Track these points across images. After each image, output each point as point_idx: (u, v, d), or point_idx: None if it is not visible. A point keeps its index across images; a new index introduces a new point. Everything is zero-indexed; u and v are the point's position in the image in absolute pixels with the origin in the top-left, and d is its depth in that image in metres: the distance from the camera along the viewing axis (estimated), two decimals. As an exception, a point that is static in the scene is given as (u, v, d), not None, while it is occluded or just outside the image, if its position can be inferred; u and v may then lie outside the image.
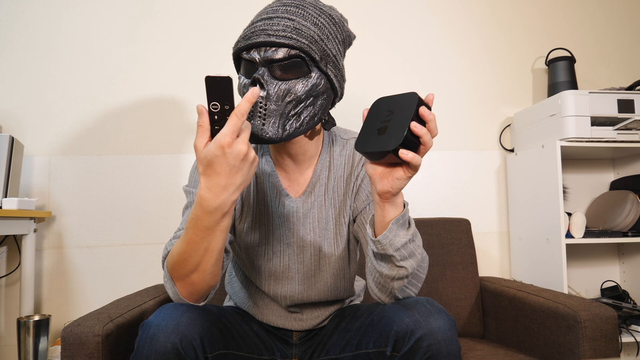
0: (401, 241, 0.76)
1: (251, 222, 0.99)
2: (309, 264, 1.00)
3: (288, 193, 0.98)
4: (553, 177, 1.59)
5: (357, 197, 0.98)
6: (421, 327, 0.75)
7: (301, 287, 1.01)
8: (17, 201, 1.40)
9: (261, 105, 0.83)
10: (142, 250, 1.68)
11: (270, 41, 0.83)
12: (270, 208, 0.99)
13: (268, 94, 0.83)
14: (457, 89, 1.90)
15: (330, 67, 0.89)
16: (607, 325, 1.10)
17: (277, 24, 0.84)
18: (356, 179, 0.99)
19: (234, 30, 1.79)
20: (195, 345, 0.76)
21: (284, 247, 1.00)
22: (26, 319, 1.39)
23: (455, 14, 1.92)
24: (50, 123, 1.68)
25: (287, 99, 0.84)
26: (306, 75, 0.86)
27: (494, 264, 1.86)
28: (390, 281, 0.81)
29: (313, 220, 0.99)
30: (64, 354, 0.95)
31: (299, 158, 0.97)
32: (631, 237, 1.62)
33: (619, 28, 2.03)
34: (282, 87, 0.84)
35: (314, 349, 1.01)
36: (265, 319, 1.04)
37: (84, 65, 1.71)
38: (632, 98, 1.60)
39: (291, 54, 0.83)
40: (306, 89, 0.86)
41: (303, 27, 0.84)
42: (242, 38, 0.87)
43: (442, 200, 1.85)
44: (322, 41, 0.87)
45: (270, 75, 0.84)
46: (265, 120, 0.84)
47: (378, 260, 0.80)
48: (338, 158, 1.00)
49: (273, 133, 0.85)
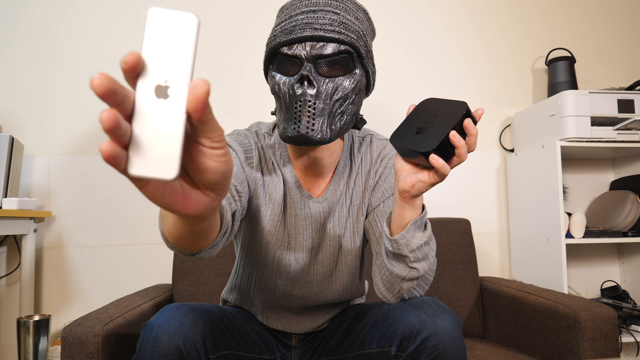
0: (417, 243, 0.75)
1: (276, 222, 0.95)
2: (327, 264, 0.97)
3: (310, 194, 0.95)
4: (553, 177, 1.59)
5: (373, 194, 0.96)
6: (427, 327, 0.75)
7: (317, 289, 0.98)
8: (17, 201, 1.40)
9: (310, 105, 0.79)
10: (142, 250, 1.68)
11: (318, 35, 0.78)
12: (294, 210, 0.95)
13: (318, 92, 0.79)
14: (457, 89, 1.90)
15: (370, 63, 0.87)
16: (607, 325, 1.10)
17: (323, 17, 0.80)
18: (374, 175, 0.97)
19: (235, 30, 1.79)
20: (198, 347, 0.76)
21: (306, 250, 0.96)
22: (26, 319, 1.39)
23: (455, 14, 1.92)
24: (50, 123, 1.68)
25: (335, 97, 0.81)
26: (351, 71, 0.83)
27: (494, 264, 1.86)
28: (400, 281, 0.80)
29: (334, 220, 0.96)
30: (64, 354, 0.95)
31: (324, 162, 0.93)
32: (631, 237, 1.62)
33: (619, 28, 2.03)
34: (329, 85, 0.80)
35: (313, 350, 1.01)
36: (265, 320, 1.03)
37: (84, 65, 1.71)
38: (632, 98, 1.60)
39: (340, 49, 0.80)
40: (352, 85, 0.82)
41: (348, 21, 0.81)
42: (281, 32, 0.82)
43: (442, 200, 1.85)
44: (365, 36, 0.84)
45: (317, 72, 0.80)
46: (314, 120, 0.80)
47: (391, 259, 0.79)
48: (357, 156, 0.98)
49: (323, 134, 0.81)
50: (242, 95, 1.77)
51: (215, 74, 1.77)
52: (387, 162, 0.96)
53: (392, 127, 1.84)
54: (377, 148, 0.98)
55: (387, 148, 0.98)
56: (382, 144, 0.99)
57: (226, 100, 1.76)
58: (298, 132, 0.80)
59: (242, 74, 1.78)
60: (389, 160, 0.96)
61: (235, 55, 1.78)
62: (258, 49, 1.79)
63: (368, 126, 1.80)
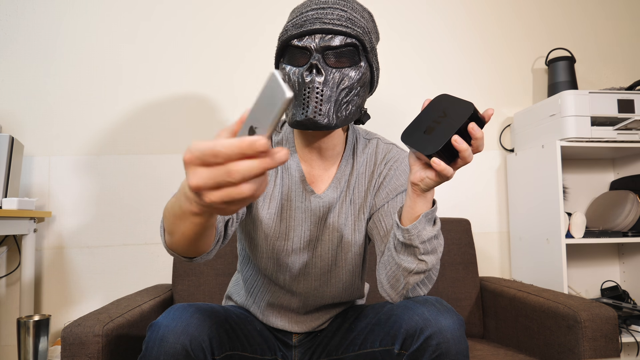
0: (428, 235, 0.77)
1: (274, 215, 0.97)
2: (326, 259, 0.99)
3: (312, 189, 0.97)
4: (553, 177, 1.59)
5: (377, 195, 0.98)
6: (431, 326, 0.75)
7: (317, 283, 1.00)
8: (17, 201, 1.40)
9: (318, 91, 0.84)
10: (142, 250, 1.68)
11: (327, 28, 0.85)
12: (293, 203, 0.98)
13: (325, 80, 0.85)
14: (457, 89, 1.90)
15: (375, 59, 0.92)
16: (607, 325, 1.10)
17: (331, 13, 0.86)
18: (378, 177, 0.99)
19: (235, 29, 1.79)
20: (205, 347, 0.76)
21: (304, 242, 0.99)
22: (26, 319, 1.39)
23: (455, 14, 1.92)
24: (50, 123, 1.68)
25: (341, 86, 0.86)
26: (357, 64, 0.88)
27: (494, 264, 1.86)
28: (407, 275, 0.81)
29: (334, 216, 0.98)
30: (64, 354, 0.95)
31: (327, 153, 0.97)
32: (631, 237, 1.62)
33: (619, 28, 2.03)
34: (336, 74, 0.86)
35: (314, 350, 1.01)
36: (265, 319, 1.04)
37: (84, 65, 1.71)
38: (632, 98, 1.60)
39: (347, 42, 0.86)
40: (357, 77, 0.88)
41: (355, 17, 0.88)
42: (292, 26, 0.88)
43: (442, 200, 1.85)
44: (370, 33, 0.90)
45: (325, 62, 0.86)
46: (322, 106, 0.85)
47: (400, 252, 0.80)
48: (361, 155, 1.01)
49: (330, 119, 0.86)
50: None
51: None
52: (392, 165, 0.99)
53: (393, 127, 1.84)
54: (382, 151, 1.01)
55: (392, 152, 1.01)
56: (387, 147, 1.02)
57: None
58: (306, 117, 0.85)
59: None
60: (394, 163, 0.99)
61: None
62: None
63: (371, 127, 1.80)
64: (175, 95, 1.74)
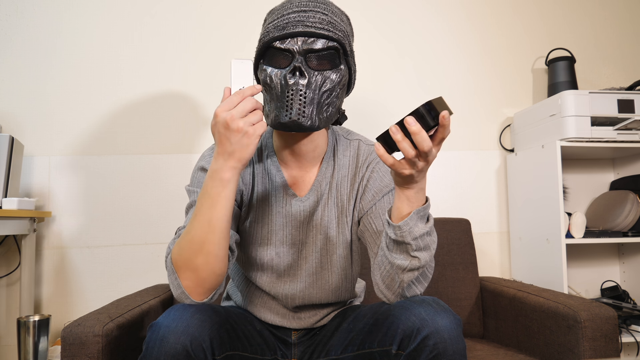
0: (420, 231, 0.78)
1: (254, 221, 1.00)
2: (311, 262, 1.00)
3: (294, 192, 0.99)
4: (553, 177, 1.59)
5: (363, 198, 0.99)
6: (428, 326, 0.75)
7: (302, 285, 1.01)
8: (17, 201, 1.40)
9: (301, 93, 0.85)
10: (142, 250, 1.68)
11: (309, 32, 0.86)
12: (274, 208, 0.99)
13: (309, 82, 0.86)
14: (457, 89, 1.90)
15: (353, 62, 0.94)
16: (607, 325, 1.10)
17: (313, 16, 0.87)
18: (361, 180, 1.00)
19: (234, 29, 1.79)
20: (205, 347, 0.76)
21: (287, 246, 1.00)
22: (26, 319, 1.39)
23: (455, 14, 1.92)
24: (50, 123, 1.68)
25: (323, 89, 0.87)
26: (337, 67, 0.90)
27: (494, 264, 1.86)
28: (401, 273, 0.81)
29: (317, 219, 0.99)
30: (64, 354, 0.95)
31: (308, 156, 0.98)
32: (631, 237, 1.62)
33: (619, 28, 2.03)
34: (319, 77, 0.87)
35: (313, 349, 1.01)
36: (263, 317, 1.05)
37: (84, 65, 1.71)
38: (632, 98, 1.60)
39: (329, 45, 0.87)
40: (338, 79, 0.89)
41: (335, 21, 0.89)
42: (274, 28, 0.88)
43: (442, 200, 1.85)
44: (349, 36, 0.92)
45: (307, 65, 0.87)
46: (305, 108, 0.86)
47: (392, 250, 0.81)
48: (342, 158, 1.01)
49: (312, 121, 0.87)
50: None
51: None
52: (374, 166, 1.00)
53: (392, 127, 1.83)
54: (364, 153, 1.02)
55: (374, 154, 1.01)
56: (369, 149, 1.03)
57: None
58: (290, 119, 0.85)
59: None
60: (376, 164, 1.00)
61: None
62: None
63: (371, 128, 1.80)
64: (175, 95, 1.74)
